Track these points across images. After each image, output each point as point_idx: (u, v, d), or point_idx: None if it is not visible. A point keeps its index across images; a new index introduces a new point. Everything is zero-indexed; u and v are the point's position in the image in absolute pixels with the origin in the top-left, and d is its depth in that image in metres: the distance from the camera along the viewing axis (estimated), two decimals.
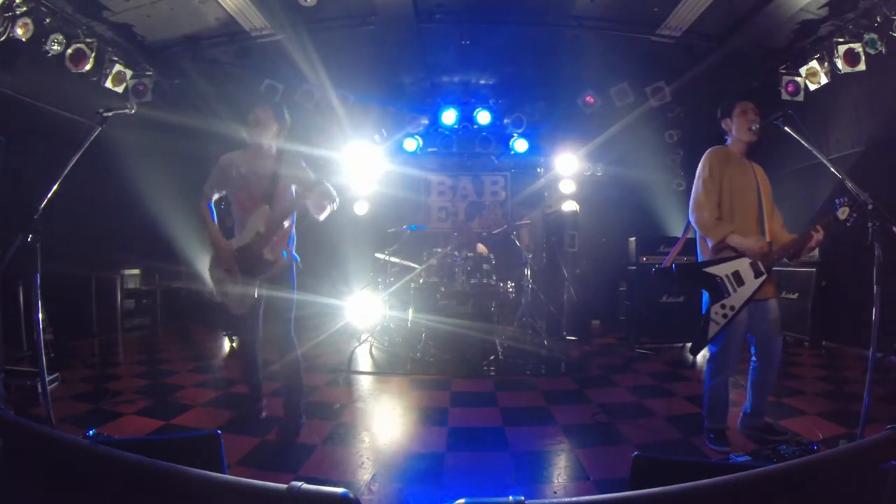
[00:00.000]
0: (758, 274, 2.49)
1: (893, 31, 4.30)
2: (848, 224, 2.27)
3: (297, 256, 2.97)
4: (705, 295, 2.61)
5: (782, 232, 2.71)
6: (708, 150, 2.71)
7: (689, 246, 5.06)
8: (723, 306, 2.51)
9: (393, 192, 7.12)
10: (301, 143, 3.29)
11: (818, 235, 2.45)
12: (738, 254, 2.54)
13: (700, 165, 2.68)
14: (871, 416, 2.08)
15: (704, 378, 2.74)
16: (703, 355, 4.48)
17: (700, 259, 2.72)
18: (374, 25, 5.09)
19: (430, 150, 7.18)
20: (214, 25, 5.09)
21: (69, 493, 0.85)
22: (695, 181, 2.69)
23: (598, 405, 3.37)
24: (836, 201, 2.31)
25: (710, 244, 2.64)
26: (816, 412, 3.11)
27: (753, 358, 2.73)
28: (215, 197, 2.92)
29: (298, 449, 2.63)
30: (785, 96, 5.42)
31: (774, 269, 2.56)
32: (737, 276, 2.52)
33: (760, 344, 2.69)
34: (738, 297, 2.50)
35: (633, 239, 5.68)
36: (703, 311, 2.59)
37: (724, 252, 2.59)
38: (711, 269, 2.58)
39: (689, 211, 2.68)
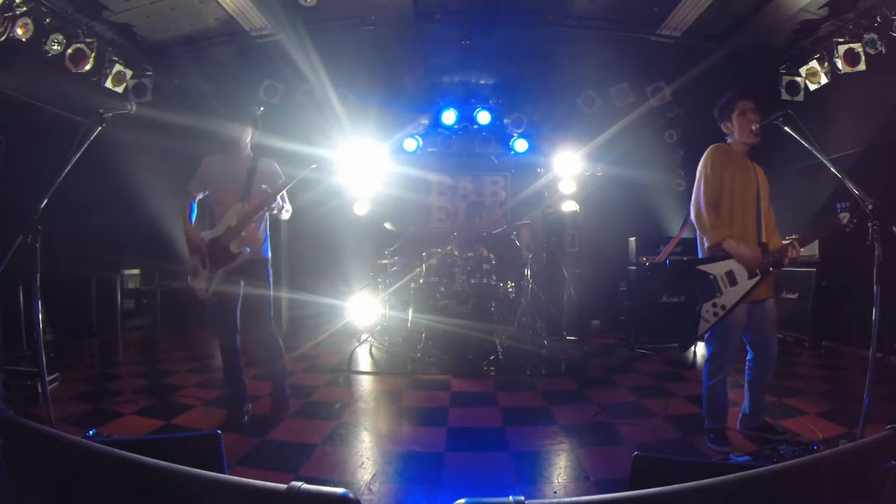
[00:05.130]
0: (751, 275, 2.50)
1: (893, 31, 4.29)
2: (847, 230, 2.30)
3: (269, 253, 3.17)
4: None
5: (774, 234, 2.71)
6: (710, 147, 2.69)
7: (690, 246, 5.03)
8: (714, 304, 2.53)
9: (393, 192, 7.11)
10: (301, 142, 3.33)
11: (793, 252, 2.49)
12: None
13: (701, 162, 2.67)
14: (871, 416, 2.08)
15: (703, 378, 2.74)
16: (702, 355, 4.47)
17: (699, 256, 2.72)
18: (374, 25, 5.09)
19: (430, 150, 7.16)
20: (214, 25, 5.09)
21: (69, 493, 0.85)
22: (696, 179, 2.67)
23: (598, 405, 3.37)
24: (838, 206, 2.33)
25: (706, 244, 2.64)
26: (816, 412, 3.11)
27: (749, 357, 2.73)
28: (199, 196, 3.13)
29: (298, 449, 2.63)
30: (785, 96, 5.43)
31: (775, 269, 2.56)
32: (730, 275, 2.53)
33: (757, 343, 2.69)
34: (729, 296, 2.51)
35: (633, 239, 5.68)
36: (696, 308, 2.60)
37: (720, 252, 2.59)
38: (705, 267, 2.59)
39: (691, 209, 2.68)
